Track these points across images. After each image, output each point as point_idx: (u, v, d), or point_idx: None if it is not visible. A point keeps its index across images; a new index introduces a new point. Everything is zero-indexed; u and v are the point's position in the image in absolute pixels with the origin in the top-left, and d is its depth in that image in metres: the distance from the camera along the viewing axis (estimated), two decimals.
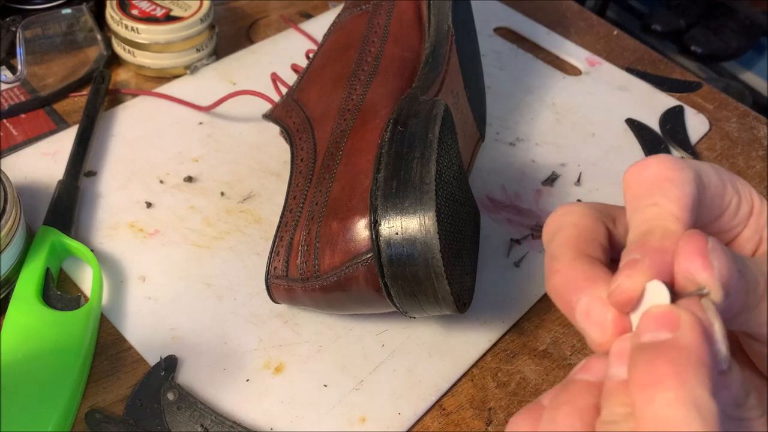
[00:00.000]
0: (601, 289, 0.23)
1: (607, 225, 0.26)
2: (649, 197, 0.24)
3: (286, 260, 0.42)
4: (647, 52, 0.71)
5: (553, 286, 0.25)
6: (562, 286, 0.24)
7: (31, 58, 0.60)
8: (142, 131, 0.56)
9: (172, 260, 0.47)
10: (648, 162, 0.25)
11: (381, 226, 0.38)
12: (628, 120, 0.62)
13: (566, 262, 0.25)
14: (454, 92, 0.49)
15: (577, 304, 0.23)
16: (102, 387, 0.41)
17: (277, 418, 0.40)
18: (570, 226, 0.26)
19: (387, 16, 0.51)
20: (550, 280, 0.25)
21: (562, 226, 0.26)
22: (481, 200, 0.53)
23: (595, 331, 0.23)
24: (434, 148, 0.39)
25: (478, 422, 0.41)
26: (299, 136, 0.47)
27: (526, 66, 0.67)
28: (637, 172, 0.25)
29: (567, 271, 0.24)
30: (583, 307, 0.23)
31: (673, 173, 0.24)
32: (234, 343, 0.44)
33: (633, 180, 0.25)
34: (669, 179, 0.24)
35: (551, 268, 0.25)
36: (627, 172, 0.25)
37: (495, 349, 0.45)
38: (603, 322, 0.23)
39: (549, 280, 0.25)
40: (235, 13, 0.70)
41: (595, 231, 0.26)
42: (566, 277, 0.24)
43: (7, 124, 0.56)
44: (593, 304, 0.23)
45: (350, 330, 0.45)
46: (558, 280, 0.24)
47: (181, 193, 0.52)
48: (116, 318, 0.44)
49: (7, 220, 0.42)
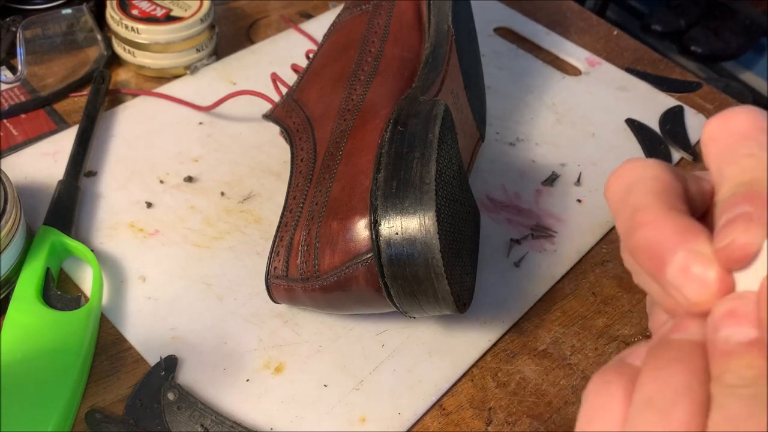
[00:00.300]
0: (700, 243, 0.21)
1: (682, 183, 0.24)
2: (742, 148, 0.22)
3: (286, 260, 0.42)
4: (647, 52, 0.71)
5: (640, 240, 0.22)
6: (653, 239, 0.22)
7: (32, 58, 0.60)
8: (142, 131, 0.56)
9: (172, 260, 0.47)
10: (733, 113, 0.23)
11: (381, 226, 0.38)
12: (628, 120, 0.62)
13: (657, 213, 0.22)
14: (454, 92, 0.49)
15: (672, 259, 0.21)
16: (102, 387, 0.41)
17: (277, 418, 0.40)
18: (650, 178, 0.24)
19: (387, 17, 0.51)
20: (636, 233, 0.22)
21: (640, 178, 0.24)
22: (481, 200, 0.53)
23: (694, 290, 0.21)
24: (434, 148, 0.39)
25: (478, 422, 0.41)
26: (299, 136, 0.47)
27: (526, 66, 0.67)
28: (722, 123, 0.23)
29: (659, 223, 0.22)
30: (680, 263, 0.21)
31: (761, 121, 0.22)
32: (234, 343, 0.44)
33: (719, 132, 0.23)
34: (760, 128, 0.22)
35: (637, 220, 0.23)
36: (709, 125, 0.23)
37: (495, 349, 0.45)
38: (705, 280, 0.21)
39: (634, 234, 0.23)
40: (235, 13, 0.70)
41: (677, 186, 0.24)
42: (659, 230, 0.22)
43: (7, 124, 0.56)
44: (693, 260, 0.21)
45: (350, 330, 0.45)
46: (648, 233, 0.22)
47: (181, 193, 0.52)
48: (116, 318, 0.44)
49: (8, 220, 0.42)
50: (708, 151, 0.23)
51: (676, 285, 0.22)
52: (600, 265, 0.51)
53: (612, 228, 0.53)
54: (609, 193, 0.25)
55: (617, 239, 0.53)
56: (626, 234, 0.23)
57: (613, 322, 0.47)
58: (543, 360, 0.45)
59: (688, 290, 0.21)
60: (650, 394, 0.20)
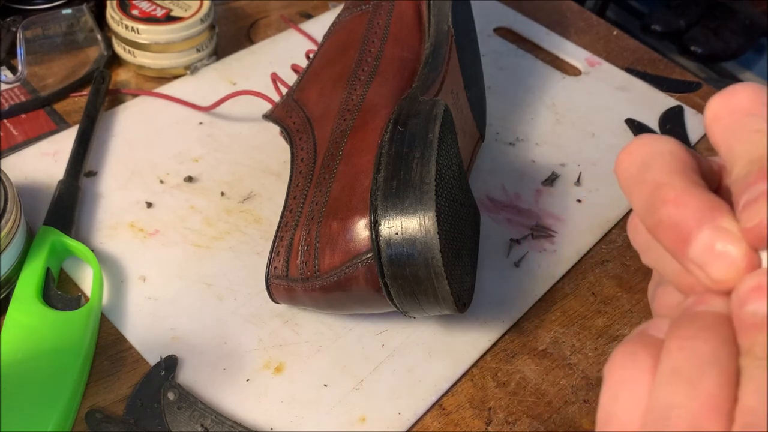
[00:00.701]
0: (726, 219, 0.21)
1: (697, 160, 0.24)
2: (749, 125, 0.22)
3: (286, 260, 0.42)
4: (647, 52, 0.71)
5: (664, 217, 0.22)
6: (678, 216, 0.21)
7: (32, 58, 0.60)
8: (142, 131, 0.56)
9: (172, 260, 0.47)
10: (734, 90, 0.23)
11: (381, 226, 0.38)
12: (627, 120, 0.62)
13: (680, 189, 0.22)
14: (454, 92, 0.49)
15: (697, 236, 0.21)
16: (102, 387, 0.41)
17: (277, 418, 0.40)
18: (667, 153, 0.23)
19: (387, 17, 0.51)
20: (659, 210, 0.22)
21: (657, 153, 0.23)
22: (481, 200, 0.53)
23: (720, 267, 0.21)
24: (434, 148, 0.39)
25: (478, 422, 0.41)
26: (299, 136, 0.47)
27: (526, 66, 0.67)
28: (724, 101, 0.23)
29: (683, 200, 0.22)
30: (706, 241, 0.21)
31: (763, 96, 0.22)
32: (234, 343, 0.44)
33: (722, 110, 0.23)
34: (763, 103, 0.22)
35: (659, 196, 0.22)
36: (711, 104, 0.23)
37: (495, 349, 0.45)
38: (732, 257, 0.21)
39: (658, 210, 0.22)
40: (235, 13, 0.70)
41: (693, 162, 0.23)
42: (683, 206, 0.22)
43: (7, 124, 0.56)
44: (720, 237, 0.21)
45: (350, 330, 0.45)
46: (672, 210, 0.22)
47: (181, 193, 0.52)
48: (116, 318, 0.44)
49: (8, 220, 0.42)
50: (713, 130, 0.23)
51: (700, 262, 0.21)
52: (600, 265, 0.51)
53: (612, 228, 0.53)
54: (620, 170, 0.24)
55: (617, 239, 0.53)
56: (647, 211, 0.23)
57: (613, 322, 0.47)
58: (543, 360, 0.45)
59: (714, 268, 0.21)
60: (677, 364, 0.20)
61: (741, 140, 0.22)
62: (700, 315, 0.21)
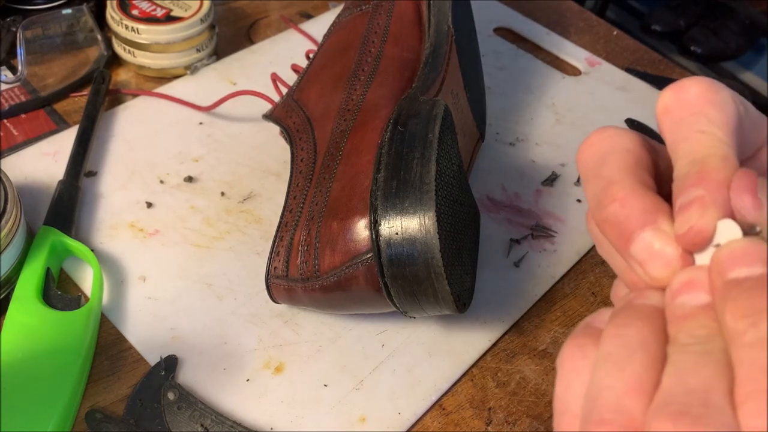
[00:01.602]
0: (664, 222, 0.23)
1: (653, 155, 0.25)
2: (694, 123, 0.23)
3: (286, 260, 0.42)
4: (647, 53, 0.71)
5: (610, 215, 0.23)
6: (622, 216, 0.23)
7: (32, 58, 0.60)
8: (142, 131, 0.56)
9: (172, 260, 0.47)
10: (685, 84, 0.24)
11: (381, 226, 0.38)
12: (628, 120, 0.62)
13: (628, 189, 0.23)
14: (454, 92, 0.49)
15: (638, 236, 0.23)
16: (102, 387, 0.41)
17: (277, 418, 0.40)
18: (623, 150, 0.24)
19: (387, 17, 0.51)
20: (606, 207, 0.23)
21: (614, 148, 0.24)
22: (481, 200, 0.53)
23: (657, 266, 0.22)
24: (434, 148, 0.39)
25: (478, 422, 0.41)
26: (299, 136, 0.47)
27: (525, 66, 0.67)
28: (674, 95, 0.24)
29: (629, 200, 0.23)
30: (646, 242, 0.22)
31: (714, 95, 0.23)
32: (234, 343, 0.44)
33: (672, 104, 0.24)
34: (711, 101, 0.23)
35: (608, 194, 0.24)
36: (663, 95, 0.24)
37: (495, 349, 0.45)
38: (668, 258, 0.22)
39: (605, 208, 0.24)
40: (235, 13, 0.70)
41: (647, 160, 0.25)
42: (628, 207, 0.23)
43: (7, 124, 0.56)
44: (658, 239, 0.22)
45: (350, 330, 0.45)
46: (618, 210, 0.23)
47: (181, 193, 0.52)
48: (116, 318, 0.44)
49: (8, 220, 0.42)
50: (662, 122, 0.24)
51: (639, 261, 0.23)
52: (600, 265, 0.51)
53: None
54: (580, 161, 0.25)
55: None
56: (596, 206, 0.24)
57: None
58: (543, 360, 0.45)
59: (652, 267, 0.23)
60: (609, 350, 0.22)
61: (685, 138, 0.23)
62: (635, 306, 0.23)
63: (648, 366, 0.21)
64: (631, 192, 0.23)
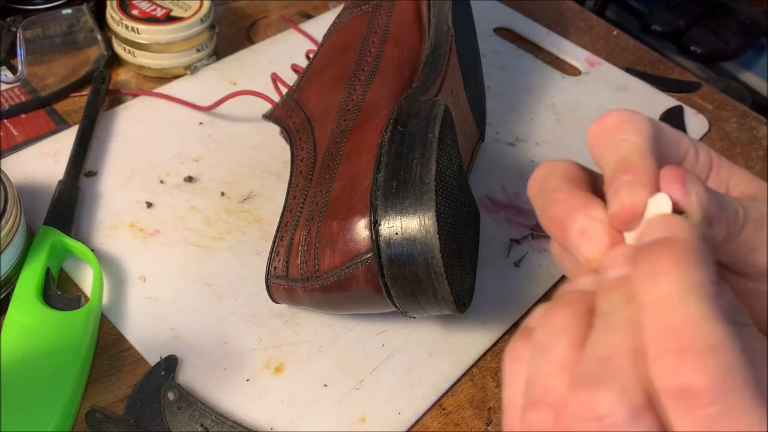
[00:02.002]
0: (597, 210, 0.25)
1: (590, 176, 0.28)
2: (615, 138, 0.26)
3: (286, 260, 0.42)
4: (647, 52, 0.71)
5: (552, 214, 0.26)
6: (562, 211, 0.25)
7: (32, 58, 0.60)
8: (142, 131, 0.56)
9: (172, 260, 0.47)
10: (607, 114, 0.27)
11: (381, 226, 0.38)
12: None
13: (566, 191, 0.26)
14: (454, 92, 0.49)
15: (574, 223, 0.25)
16: (102, 387, 0.41)
17: (277, 418, 0.40)
18: (561, 169, 0.27)
19: (387, 17, 0.51)
20: (549, 209, 0.26)
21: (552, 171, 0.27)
22: (481, 200, 0.53)
23: (590, 247, 0.24)
24: (434, 148, 0.39)
25: (478, 422, 0.41)
26: (299, 136, 0.47)
27: (525, 66, 0.67)
28: (598, 124, 0.27)
29: (566, 198, 0.26)
30: (579, 227, 0.25)
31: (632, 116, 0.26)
32: (234, 343, 0.44)
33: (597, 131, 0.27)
34: (629, 121, 0.26)
35: (551, 199, 0.26)
36: (590, 128, 0.27)
37: (495, 349, 0.45)
38: (598, 238, 0.24)
39: (548, 210, 0.26)
40: (235, 13, 0.70)
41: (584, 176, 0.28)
42: (565, 203, 0.25)
43: (7, 124, 0.56)
44: (590, 223, 0.25)
45: (350, 330, 0.45)
46: (558, 208, 0.26)
47: (181, 193, 0.52)
48: (116, 318, 0.44)
49: (8, 220, 0.42)
50: (592, 149, 0.27)
51: (575, 245, 0.25)
52: None
53: None
54: (530, 192, 0.28)
55: None
56: (543, 213, 0.26)
57: None
58: None
59: (584, 248, 0.25)
60: (537, 339, 0.24)
61: (608, 150, 0.26)
62: (562, 295, 0.25)
63: (571, 346, 0.23)
64: (568, 193, 0.26)
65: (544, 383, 0.22)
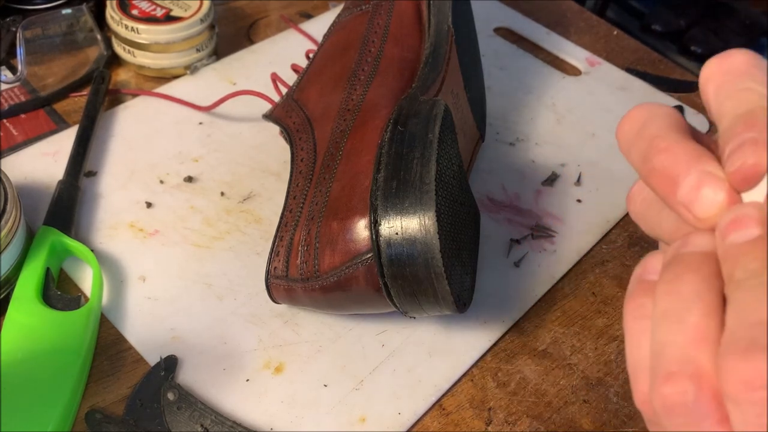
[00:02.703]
0: (711, 165, 0.23)
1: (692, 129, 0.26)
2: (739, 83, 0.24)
3: (286, 260, 0.42)
4: (647, 52, 0.71)
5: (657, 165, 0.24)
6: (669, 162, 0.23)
7: (32, 58, 0.60)
8: (142, 131, 0.56)
9: (172, 260, 0.47)
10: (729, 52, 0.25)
11: (381, 226, 0.38)
12: None
13: (672, 140, 0.24)
14: (454, 92, 0.49)
15: (686, 178, 0.23)
16: (102, 387, 0.41)
17: (277, 418, 0.40)
18: (663, 115, 0.25)
19: (387, 16, 0.51)
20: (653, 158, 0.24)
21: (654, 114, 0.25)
22: (481, 200, 0.53)
23: (704, 205, 0.23)
24: (434, 148, 0.39)
25: (478, 422, 0.41)
26: (299, 136, 0.47)
27: (526, 66, 0.67)
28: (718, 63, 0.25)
29: (674, 148, 0.24)
30: (692, 182, 0.23)
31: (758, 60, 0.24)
32: (234, 343, 0.44)
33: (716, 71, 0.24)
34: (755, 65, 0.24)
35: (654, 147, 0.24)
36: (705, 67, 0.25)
37: (495, 349, 0.45)
38: (715, 197, 0.23)
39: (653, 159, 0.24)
40: (235, 13, 0.70)
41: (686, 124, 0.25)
42: (674, 154, 0.24)
43: (7, 124, 0.56)
44: (705, 179, 0.23)
45: (350, 330, 0.45)
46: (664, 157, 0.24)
47: (181, 193, 0.52)
48: (116, 318, 0.44)
49: (7, 220, 0.42)
50: (706, 90, 0.25)
51: (687, 201, 0.23)
52: (600, 265, 0.51)
53: (612, 228, 0.53)
54: (621, 133, 0.26)
55: (617, 239, 0.53)
56: (642, 162, 0.24)
57: (613, 322, 0.47)
58: (543, 360, 0.45)
59: (698, 207, 0.23)
60: (665, 307, 0.22)
61: (730, 97, 0.24)
62: (682, 257, 0.23)
63: (706, 313, 0.21)
64: (675, 142, 0.24)
65: (681, 354, 0.21)
